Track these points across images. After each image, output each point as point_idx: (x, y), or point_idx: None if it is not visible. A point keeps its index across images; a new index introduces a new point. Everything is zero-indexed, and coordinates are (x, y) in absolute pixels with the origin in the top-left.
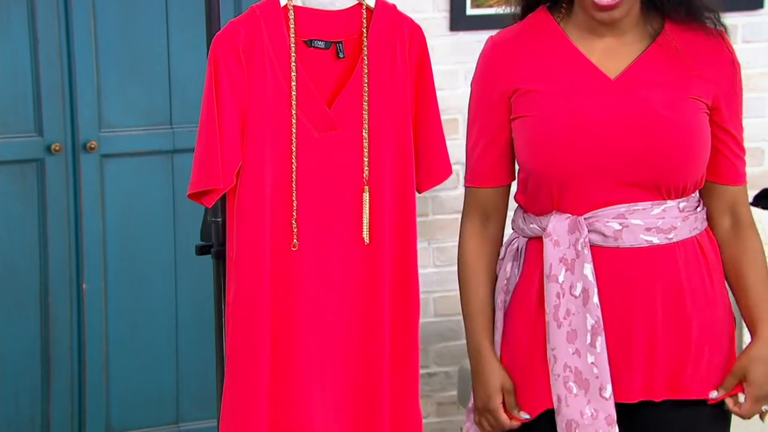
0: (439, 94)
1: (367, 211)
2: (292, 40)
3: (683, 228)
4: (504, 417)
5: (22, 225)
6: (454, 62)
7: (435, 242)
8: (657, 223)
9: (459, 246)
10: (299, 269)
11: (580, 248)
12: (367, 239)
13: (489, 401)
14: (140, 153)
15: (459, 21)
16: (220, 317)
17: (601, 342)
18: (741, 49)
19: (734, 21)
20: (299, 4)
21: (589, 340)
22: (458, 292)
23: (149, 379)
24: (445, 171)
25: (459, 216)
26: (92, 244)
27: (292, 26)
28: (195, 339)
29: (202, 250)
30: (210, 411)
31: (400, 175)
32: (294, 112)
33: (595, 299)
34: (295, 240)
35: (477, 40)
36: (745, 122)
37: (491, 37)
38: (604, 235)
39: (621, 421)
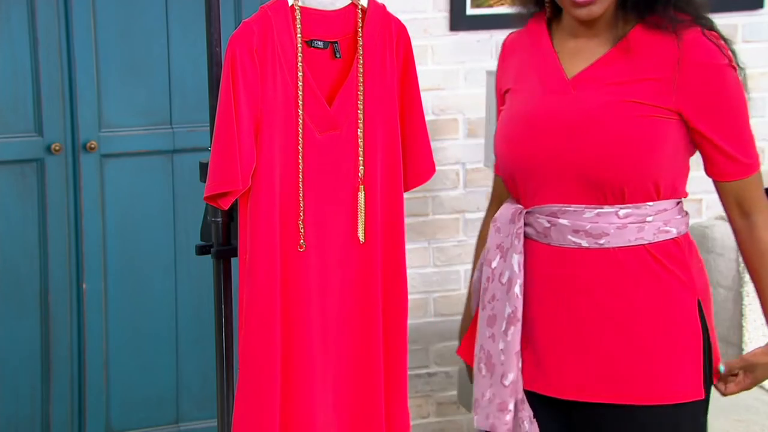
0: (439, 93)
1: (363, 211)
2: (299, 40)
3: (618, 235)
4: None
5: (22, 225)
6: (454, 62)
7: (435, 242)
8: (585, 226)
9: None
10: (305, 270)
11: (513, 238)
12: (362, 238)
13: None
14: (140, 153)
15: (459, 21)
16: (220, 317)
17: (513, 331)
18: (741, 49)
19: (734, 21)
20: (300, 4)
21: (503, 328)
22: (458, 291)
23: (149, 379)
24: (430, 170)
25: (459, 216)
26: (92, 244)
27: (299, 26)
28: (195, 339)
29: (202, 250)
30: (210, 411)
31: (390, 173)
32: (300, 112)
33: (517, 289)
34: (301, 241)
35: (477, 40)
36: None
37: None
38: (536, 230)
39: (561, 416)
